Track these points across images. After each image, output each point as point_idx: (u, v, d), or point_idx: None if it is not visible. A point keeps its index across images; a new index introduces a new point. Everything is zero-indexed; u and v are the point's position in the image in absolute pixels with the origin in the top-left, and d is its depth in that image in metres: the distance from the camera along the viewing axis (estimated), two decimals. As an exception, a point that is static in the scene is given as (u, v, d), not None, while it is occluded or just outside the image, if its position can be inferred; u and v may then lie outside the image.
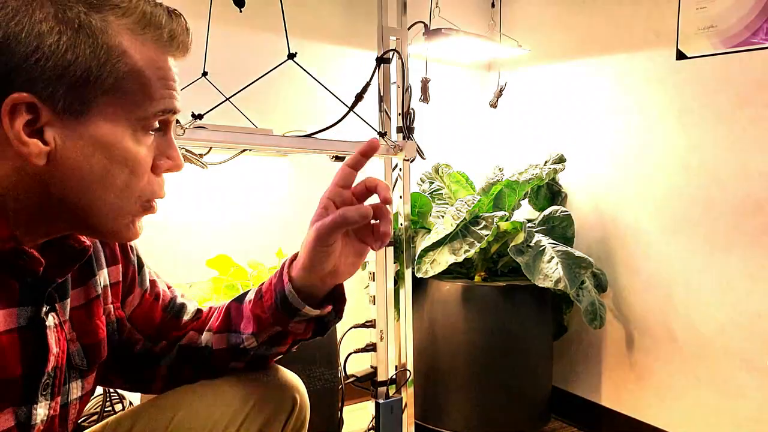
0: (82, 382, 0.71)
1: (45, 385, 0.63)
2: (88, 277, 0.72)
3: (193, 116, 1.27)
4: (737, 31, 1.66)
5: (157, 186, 0.64)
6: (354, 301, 2.07)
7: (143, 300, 0.82)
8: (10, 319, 0.59)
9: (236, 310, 0.82)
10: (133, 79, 0.58)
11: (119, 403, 1.48)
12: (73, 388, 0.69)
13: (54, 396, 0.65)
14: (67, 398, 0.68)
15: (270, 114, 1.88)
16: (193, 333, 0.85)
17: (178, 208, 1.77)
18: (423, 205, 1.95)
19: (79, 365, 0.70)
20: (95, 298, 0.73)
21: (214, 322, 0.84)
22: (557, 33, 2.18)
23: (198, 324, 0.86)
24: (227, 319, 0.82)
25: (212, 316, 0.86)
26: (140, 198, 0.62)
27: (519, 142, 2.35)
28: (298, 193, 2.01)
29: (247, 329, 0.79)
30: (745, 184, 1.68)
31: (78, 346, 0.69)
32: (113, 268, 0.77)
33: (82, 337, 0.70)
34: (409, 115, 1.61)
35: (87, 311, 0.71)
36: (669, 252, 1.86)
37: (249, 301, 0.80)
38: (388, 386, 1.60)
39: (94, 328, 0.72)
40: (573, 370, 2.16)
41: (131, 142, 0.59)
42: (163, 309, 0.84)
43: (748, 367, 1.69)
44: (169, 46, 0.61)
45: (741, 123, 1.68)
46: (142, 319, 0.81)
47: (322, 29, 2.01)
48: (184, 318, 0.85)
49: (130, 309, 0.80)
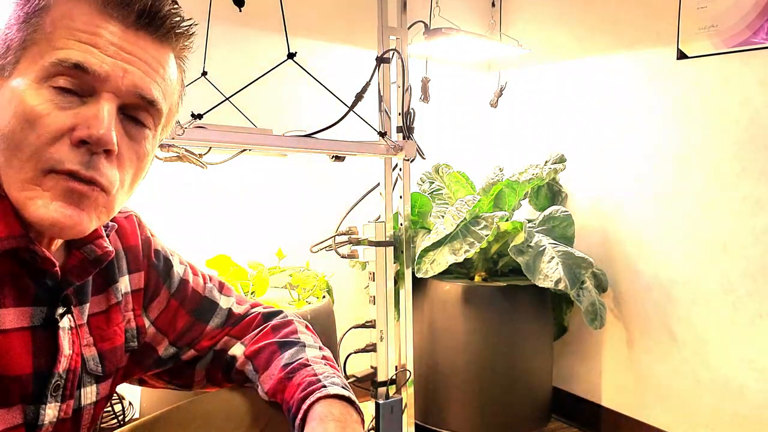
0: (97, 388, 0.70)
1: (56, 386, 0.63)
2: (109, 283, 0.72)
3: (193, 116, 1.27)
4: (738, 30, 1.66)
5: (65, 155, 0.56)
6: (354, 301, 2.08)
7: (168, 304, 0.81)
8: (23, 317, 0.60)
9: (269, 355, 0.80)
10: (42, 29, 0.57)
11: (119, 403, 1.48)
12: (88, 393, 0.69)
13: (65, 398, 0.64)
14: (80, 403, 0.68)
15: (270, 114, 1.88)
16: (228, 339, 0.84)
17: (178, 208, 1.77)
18: (423, 205, 1.95)
19: (94, 370, 0.69)
20: (115, 304, 0.73)
21: (251, 341, 0.82)
22: (557, 33, 2.18)
23: (235, 332, 0.85)
24: (258, 355, 0.80)
25: (253, 326, 0.85)
26: (38, 162, 0.56)
27: (519, 142, 2.35)
28: (298, 193, 2.01)
29: (265, 384, 0.78)
30: (745, 184, 1.68)
31: (94, 352, 0.69)
32: (135, 275, 0.77)
33: (99, 343, 0.70)
34: (409, 115, 1.61)
35: (106, 318, 0.71)
36: (669, 252, 1.86)
37: (281, 368, 0.77)
38: (388, 386, 1.60)
39: (112, 334, 0.72)
40: (573, 370, 2.16)
41: (30, 94, 0.56)
42: (190, 312, 0.82)
43: (748, 367, 1.69)
44: (106, 3, 0.59)
45: (741, 123, 1.68)
46: (167, 322, 0.81)
47: (322, 29, 2.00)
48: (212, 323, 0.84)
49: (155, 314, 0.80)
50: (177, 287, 0.82)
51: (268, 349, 0.80)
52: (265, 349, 0.80)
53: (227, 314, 0.85)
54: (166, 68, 0.63)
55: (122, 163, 0.61)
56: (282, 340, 0.81)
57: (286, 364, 0.77)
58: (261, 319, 0.86)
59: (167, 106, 0.65)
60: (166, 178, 1.73)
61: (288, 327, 0.84)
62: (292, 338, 0.81)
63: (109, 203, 0.61)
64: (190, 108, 1.33)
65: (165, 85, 0.63)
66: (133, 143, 0.62)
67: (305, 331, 0.85)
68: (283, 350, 0.79)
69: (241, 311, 0.87)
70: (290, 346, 0.80)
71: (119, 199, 0.62)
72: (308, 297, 1.65)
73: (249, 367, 0.80)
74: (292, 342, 0.81)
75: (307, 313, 1.49)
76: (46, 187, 0.56)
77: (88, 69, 0.57)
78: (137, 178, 0.64)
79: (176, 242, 1.75)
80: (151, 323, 0.79)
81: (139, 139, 0.62)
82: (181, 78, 0.69)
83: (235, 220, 1.88)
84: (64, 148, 0.56)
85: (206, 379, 0.85)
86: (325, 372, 0.76)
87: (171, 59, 0.64)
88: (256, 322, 0.86)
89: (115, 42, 0.58)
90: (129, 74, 0.59)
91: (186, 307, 0.82)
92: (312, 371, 0.75)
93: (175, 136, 1.11)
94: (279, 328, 0.84)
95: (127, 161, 0.61)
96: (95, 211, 0.59)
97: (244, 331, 0.85)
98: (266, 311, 0.88)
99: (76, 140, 0.56)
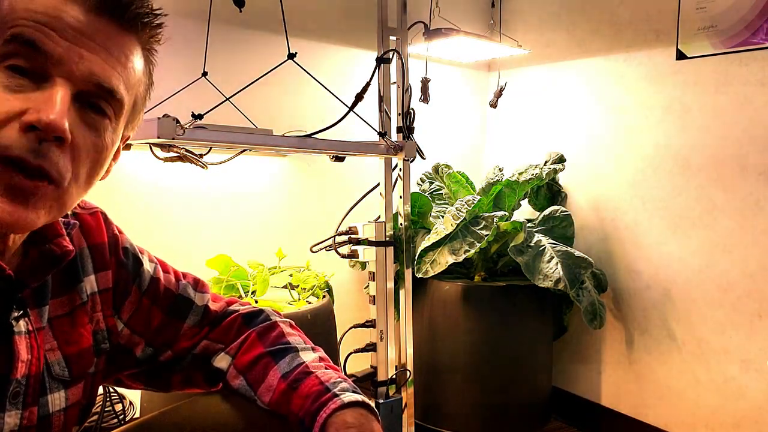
0: (66, 393, 0.67)
1: (14, 394, 0.60)
2: (73, 284, 0.69)
3: (193, 116, 1.27)
4: (737, 31, 1.66)
5: (12, 140, 0.52)
6: (354, 301, 2.08)
7: (141, 303, 0.78)
8: None
9: (264, 367, 0.77)
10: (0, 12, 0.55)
11: (119, 403, 1.48)
12: (55, 399, 0.65)
13: (27, 406, 0.61)
14: (49, 409, 0.64)
15: (270, 114, 1.88)
16: (209, 343, 0.81)
17: (179, 208, 1.77)
18: (423, 205, 1.95)
19: (60, 375, 0.66)
20: (80, 306, 0.69)
21: (239, 353, 0.79)
22: (557, 33, 2.18)
23: (216, 335, 0.82)
24: (251, 369, 0.78)
25: (234, 330, 0.81)
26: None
27: (519, 142, 2.35)
28: (298, 193, 2.01)
29: (264, 396, 0.75)
30: (745, 184, 1.68)
31: (59, 356, 0.66)
32: (102, 274, 0.73)
33: (64, 346, 0.67)
34: (409, 115, 1.61)
35: (71, 319, 0.68)
36: (669, 252, 1.86)
37: (279, 379, 0.75)
38: (388, 386, 1.60)
39: (78, 337, 0.68)
40: (573, 370, 2.16)
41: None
42: (163, 311, 0.79)
43: (748, 367, 1.69)
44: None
45: (741, 123, 1.68)
46: (141, 323, 0.78)
47: (322, 29, 2.01)
48: (189, 321, 0.81)
49: (128, 314, 0.77)
50: (148, 286, 0.78)
51: (261, 361, 0.77)
52: (257, 362, 0.77)
53: (203, 312, 0.82)
54: (130, 58, 0.60)
55: (77, 154, 0.57)
56: (273, 348, 0.78)
57: (285, 374, 0.74)
58: (242, 322, 0.83)
59: (131, 98, 0.62)
60: (166, 178, 1.73)
61: (274, 331, 0.81)
62: (281, 344, 0.79)
63: (61, 197, 0.57)
64: (190, 108, 1.33)
65: (127, 75, 0.60)
66: (91, 133, 0.58)
67: (292, 331, 0.83)
68: (277, 359, 0.77)
69: (217, 308, 0.84)
70: (283, 354, 0.77)
71: (73, 192, 0.58)
72: (308, 297, 1.65)
73: (241, 381, 0.77)
74: (283, 349, 0.78)
75: (307, 313, 1.49)
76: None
77: (41, 48, 0.54)
78: (95, 171, 0.60)
79: (176, 242, 1.76)
80: (124, 324, 0.76)
81: (99, 129, 0.59)
82: (149, 71, 0.65)
83: (235, 220, 1.88)
84: (12, 133, 0.52)
85: (185, 382, 0.82)
86: (330, 378, 0.74)
87: (137, 50, 0.61)
88: (237, 326, 0.82)
89: (75, 25, 0.55)
90: (85, 60, 0.56)
91: (159, 305, 0.79)
92: (317, 380, 0.73)
93: (175, 136, 1.11)
94: (264, 334, 0.80)
95: (84, 152, 0.57)
96: (43, 206, 0.55)
97: (225, 335, 0.82)
98: (245, 311, 0.84)
99: (25, 125, 0.52)
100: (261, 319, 0.83)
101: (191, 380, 0.82)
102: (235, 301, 0.87)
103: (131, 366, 0.79)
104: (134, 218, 1.67)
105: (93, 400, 0.74)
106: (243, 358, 0.78)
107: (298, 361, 0.76)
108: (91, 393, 0.72)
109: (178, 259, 1.77)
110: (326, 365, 0.78)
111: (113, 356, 0.75)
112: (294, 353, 0.77)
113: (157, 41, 0.65)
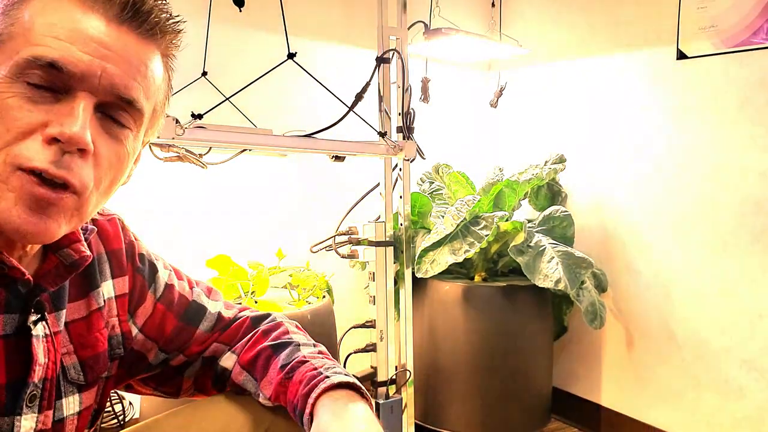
0: (80, 397, 0.68)
1: (31, 397, 0.60)
2: (90, 288, 0.70)
3: (193, 116, 1.27)
4: (738, 30, 1.66)
5: (35, 152, 0.53)
6: (354, 301, 2.08)
7: (155, 309, 0.78)
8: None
9: (265, 361, 0.78)
10: (20, 22, 0.55)
11: (119, 403, 1.48)
12: (70, 403, 0.66)
13: (43, 409, 0.62)
14: (63, 413, 0.65)
15: (270, 114, 1.88)
16: (217, 345, 0.82)
17: (179, 208, 1.77)
18: (423, 205, 1.95)
19: (75, 379, 0.67)
20: (96, 310, 0.70)
21: (244, 350, 0.80)
22: (557, 33, 2.18)
23: (225, 338, 0.83)
24: (254, 363, 0.79)
25: (242, 331, 0.83)
26: (6, 156, 0.53)
27: (519, 142, 2.35)
28: (298, 193, 2.01)
29: (266, 390, 0.76)
30: (745, 184, 1.68)
31: (75, 359, 0.67)
32: (119, 279, 0.74)
33: (80, 350, 0.68)
34: (409, 115, 1.61)
35: (87, 324, 0.69)
36: (669, 252, 1.86)
37: (278, 370, 0.76)
38: (388, 386, 1.60)
39: (93, 341, 0.69)
40: (573, 370, 2.16)
41: (3, 87, 0.54)
42: (177, 317, 0.80)
43: (748, 368, 1.69)
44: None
45: (741, 123, 1.68)
46: (155, 328, 0.78)
47: (322, 29, 2.00)
48: (202, 327, 0.82)
49: (142, 320, 0.77)
50: (163, 292, 0.79)
51: (263, 354, 0.78)
52: (260, 356, 0.78)
53: (216, 318, 0.83)
54: (150, 67, 0.60)
55: (100, 162, 0.57)
56: (275, 342, 0.79)
57: (284, 365, 0.75)
58: (250, 324, 0.84)
59: (150, 107, 0.62)
60: (166, 179, 1.73)
61: (278, 329, 0.82)
62: (284, 339, 0.80)
63: (81, 206, 0.57)
64: (190, 108, 1.33)
65: (147, 84, 0.60)
66: (112, 143, 0.59)
67: (296, 330, 0.84)
68: (278, 352, 0.78)
69: (230, 315, 0.85)
70: (284, 347, 0.78)
71: (93, 201, 0.59)
72: (308, 297, 1.65)
73: (246, 377, 0.78)
74: (285, 343, 0.79)
75: (307, 313, 1.49)
76: (12, 187, 0.53)
77: (63, 68, 0.54)
78: (117, 180, 0.61)
79: (176, 242, 1.76)
80: (138, 330, 0.77)
81: (120, 139, 0.59)
82: (168, 78, 0.66)
83: (235, 220, 1.88)
84: (34, 145, 0.53)
85: (194, 387, 0.83)
86: (324, 364, 0.74)
87: (156, 57, 0.61)
88: (245, 327, 0.83)
89: (95, 37, 0.55)
90: (107, 73, 0.56)
91: (173, 311, 0.80)
92: (311, 366, 0.74)
93: (175, 136, 1.11)
94: (269, 331, 0.82)
95: (106, 161, 0.58)
96: (64, 216, 0.56)
97: (233, 336, 0.83)
98: (254, 315, 0.86)
99: (48, 138, 0.53)
100: (268, 320, 0.85)
101: (200, 385, 0.83)
102: (247, 308, 0.89)
103: (143, 371, 0.79)
104: (134, 218, 1.67)
105: (104, 404, 0.75)
106: (247, 354, 0.80)
107: (297, 353, 0.77)
108: (102, 397, 0.73)
109: (178, 259, 1.77)
110: (324, 356, 0.78)
111: (127, 361, 0.76)
112: (294, 347, 0.78)
113: (176, 47, 0.65)
